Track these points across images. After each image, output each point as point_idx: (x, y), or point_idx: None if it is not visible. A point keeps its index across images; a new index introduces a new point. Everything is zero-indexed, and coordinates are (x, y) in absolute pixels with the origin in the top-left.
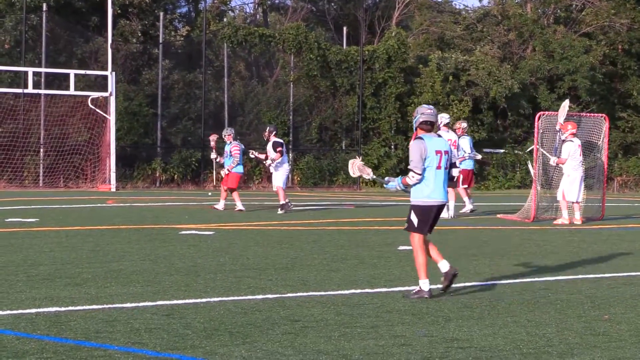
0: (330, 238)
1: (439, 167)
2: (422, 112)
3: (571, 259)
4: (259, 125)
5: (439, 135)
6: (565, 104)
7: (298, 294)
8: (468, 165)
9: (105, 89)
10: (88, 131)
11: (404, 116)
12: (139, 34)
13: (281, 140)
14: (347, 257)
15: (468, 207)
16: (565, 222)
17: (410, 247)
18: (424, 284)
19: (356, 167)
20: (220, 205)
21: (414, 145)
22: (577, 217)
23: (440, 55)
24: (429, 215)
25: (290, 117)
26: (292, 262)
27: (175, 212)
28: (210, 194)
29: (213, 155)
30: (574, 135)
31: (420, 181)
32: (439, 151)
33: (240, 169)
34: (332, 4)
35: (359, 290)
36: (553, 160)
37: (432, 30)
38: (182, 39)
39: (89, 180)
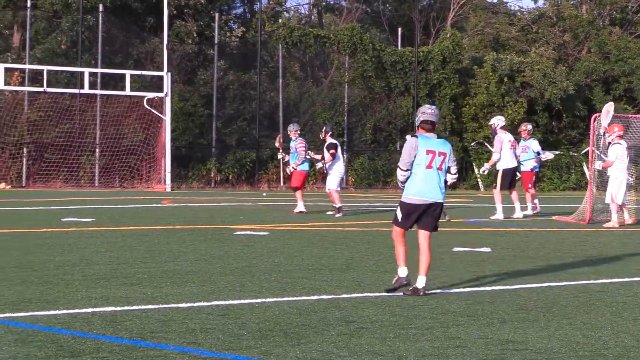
0: (384, 239)
1: (429, 167)
2: (423, 112)
3: (627, 262)
4: (313, 126)
5: (439, 137)
6: (610, 107)
7: (353, 295)
8: (531, 167)
9: (160, 89)
10: (143, 131)
11: (459, 117)
12: (195, 35)
13: (336, 142)
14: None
15: (519, 213)
16: (615, 225)
17: (466, 249)
18: (401, 271)
19: None
20: (299, 208)
21: (406, 143)
22: (627, 218)
23: (495, 57)
24: (413, 212)
25: (345, 118)
26: (346, 263)
27: (230, 213)
28: (265, 194)
29: (280, 155)
30: (621, 137)
31: (407, 178)
32: (431, 151)
33: (305, 166)
34: (387, 5)
35: None
36: (599, 164)
37: (487, 32)
38: (237, 39)
39: (144, 181)
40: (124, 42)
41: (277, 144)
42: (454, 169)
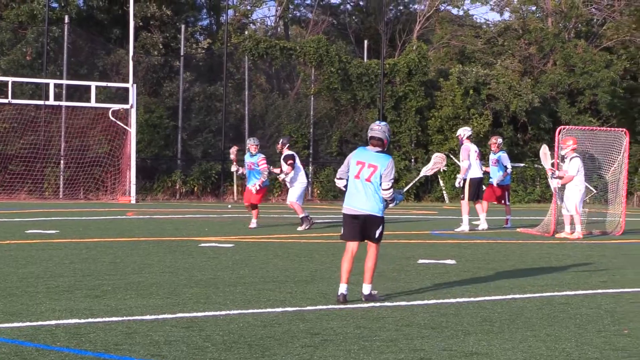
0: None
1: (356, 177)
2: (371, 128)
3: (591, 274)
4: (279, 137)
5: (381, 152)
6: (545, 149)
7: (318, 307)
8: (506, 180)
9: (126, 101)
10: (108, 143)
11: (424, 129)
12: (160, 47)
13: (293, 153)
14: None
15: (484, 224)
16: (580, 235)
17: (431, 261)
18: (340, 287)
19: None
20: (253, 224)
21: None
22: (579, 230)
23: (460, 69)
24: (349, 223)
25: (311, 130)
26: (311, 275)
27: (195, 225)
28: (230, 206)
29: (234, 168)
30: (574, 150)
31: (346, 188)
32: (360, 162)
33: (266, 182)
34: (353, 17)
35: (378, 304)
36: (557, 182)
37: (453, 44)
38: (203, 51)
39: (109, 192)
40: (89, 54)
41: (232, 156)
42: (385, 184)
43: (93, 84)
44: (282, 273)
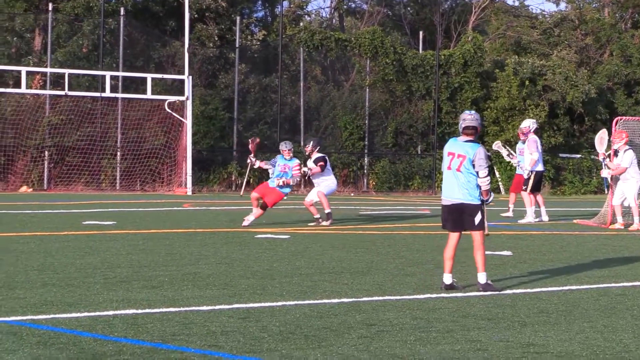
0: (405, 242)
1: (448, 168)
2: (464, 119)
3: None
4: (334, 129)
5: (471, 141)
6: (603, 133)
7: (374, 298)
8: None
9: (182, 93)
10: (164, 135)
11: (480, 120)
12: (216, 38)
13: (324, 155)
14: (422, 262)
15: (545, 216)
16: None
17: (487, 252)
18: (444, 277)
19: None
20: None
21: None
22: (620, 221)
23: (516, 60)
24: (445, 213)
25: (366, 122)
26: (367, 266)
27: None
28: (285, 197)
29: (253, 160)
30: (627, 142)
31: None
32: (451, 153)
33: (287, 190)
34: (409, 8)
35: (434, 295)
36: (608, 173)
37: (509, 35)
38: (258, 43)
39: (165, 184)
40: (145, 46)
41: (250, 146)
42: (480, 172)
43: (149, 76)
44: (338, 264)
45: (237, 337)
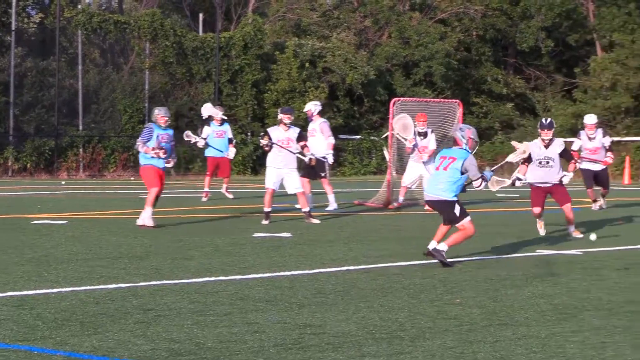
0: (186, 226)
1: (437, 169)
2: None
3: (424, 244)
4: (113, 113)
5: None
6: (406, 120)
7: (151, 283)
8: None
9: None
10: None
11: (261, 103)
12: None
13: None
14: (201, 245)
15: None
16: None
17: (267, 234)
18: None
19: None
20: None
21: None
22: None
23: (296, 42)
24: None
25: (146, 105)
26: (146, 250)
27: (28, 202)
28: (64, 182)
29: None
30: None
31: None
32: (443, 157)
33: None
34: None
35: (213, 278)
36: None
37: (289, 17)
38: (35, 25)
39: None
40: None
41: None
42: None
43: None
44: (116, 249)
45: (10, 326)
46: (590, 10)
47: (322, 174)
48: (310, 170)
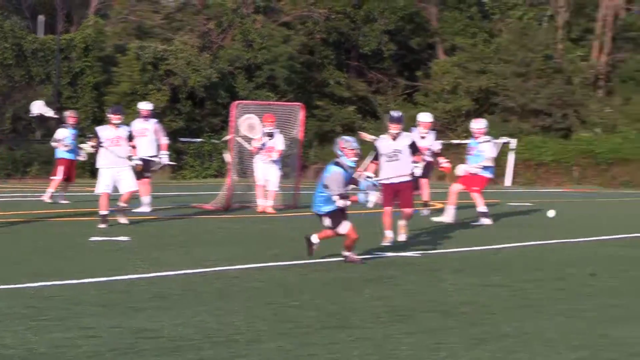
0: (21, 230)
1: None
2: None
3: (263, 247)
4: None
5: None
6: (252, 120)
7: None
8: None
9: None
10: None
11: (102, 106)
12: None
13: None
14: (37, 249)
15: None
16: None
17: (104, 238)
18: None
19: None
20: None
21: None
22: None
23: (139, 45)
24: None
25: None
26: None
27: None
28: None
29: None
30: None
31: None
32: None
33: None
34: None
35: (49, 283)
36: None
37: (131, 19)
38: None
39: None
40: None
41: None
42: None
43: None
44: None
45: None
46: (433, 14)
47: (147, 175)
48: (137, 172)
